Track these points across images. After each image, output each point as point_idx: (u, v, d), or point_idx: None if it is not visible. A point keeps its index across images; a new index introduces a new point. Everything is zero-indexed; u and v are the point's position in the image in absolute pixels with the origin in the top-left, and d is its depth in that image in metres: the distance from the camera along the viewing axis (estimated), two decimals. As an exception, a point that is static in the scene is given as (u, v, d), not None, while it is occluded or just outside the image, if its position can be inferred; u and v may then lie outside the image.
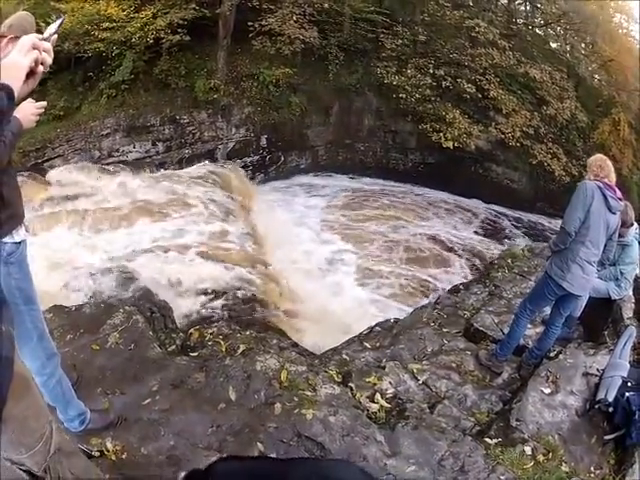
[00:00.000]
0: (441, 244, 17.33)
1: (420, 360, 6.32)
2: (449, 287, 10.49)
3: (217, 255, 12.36)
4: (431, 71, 20.29)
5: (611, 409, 5.02)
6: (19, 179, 3.25)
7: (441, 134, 19.37)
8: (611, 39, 22.87)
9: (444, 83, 20.03)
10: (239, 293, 11.30)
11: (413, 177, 22.03)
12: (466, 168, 21.39)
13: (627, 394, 5.00)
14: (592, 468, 4.69)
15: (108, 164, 16.66)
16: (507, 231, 19.59)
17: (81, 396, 3.94)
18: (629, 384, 5.15)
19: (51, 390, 3.57)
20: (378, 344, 6.94)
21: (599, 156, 5.63)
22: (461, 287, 9.17)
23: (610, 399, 5.03)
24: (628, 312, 7.05)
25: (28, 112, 2.78)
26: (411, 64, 20.49)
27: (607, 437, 4.93)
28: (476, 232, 19.05)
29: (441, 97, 20.24)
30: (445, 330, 7.25)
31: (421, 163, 22.32)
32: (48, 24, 2.51)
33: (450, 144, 19.14)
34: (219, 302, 10.89)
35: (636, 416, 4.80)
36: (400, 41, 20.93)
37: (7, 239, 3.05)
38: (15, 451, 2.52)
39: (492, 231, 19.32)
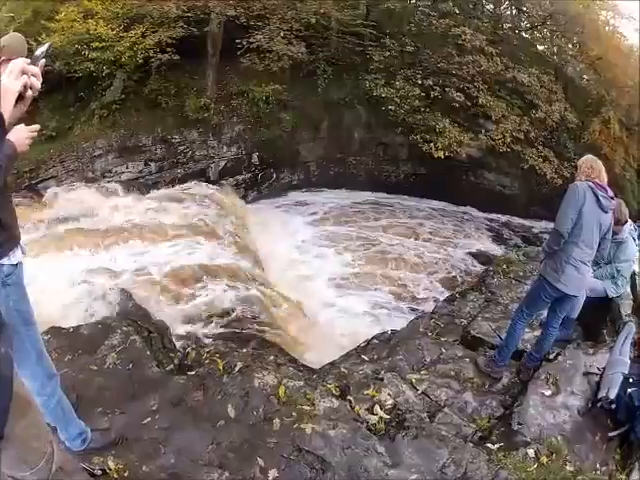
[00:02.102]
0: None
1: (418, 370, 6.33)
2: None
3: (213, 274, 12.34)
4: (419, 81, 20.28)
5: (613, 406, 5.03)
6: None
7: (432, 144, 19.32)
8: (598, 37, 22.92)
9: (433, 93, 20.03)
10: (236, 312, 11.27)
11: (406, 188, 22.02)
12: (458, 177, 21.41)
13: (629, 390, 5.02)
14: (598, 465, 4.71)
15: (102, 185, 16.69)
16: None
17: (81, 416, 3.96)
18: (631, 380, 5.17)
19: (52, 410, 3.59)
20: (376, 356, 6.95)
21: (589, 157, 5.67)
22: (457, 295, 9.19)
23: (612, 396, 5.05)
24: (626, 309, 7.08)
25: (22, 135, 2.79)
26: (399, 75, 20.50)
27: (611, 434, 4.94)
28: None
29: (430, 107, 20.22)
30: (443, 339, 7.26)
31: (413, 174, 22.26)
32: (39, 43, 2.54)
33: (441, 154, 19.09)
34: (216, 321, 10.86)
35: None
36: (388, 53, 20.92)
37: (4, 261, 3.07)
38: (18, 469, 2.55)
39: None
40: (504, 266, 9.58)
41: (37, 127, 2.94)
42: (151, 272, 11.88)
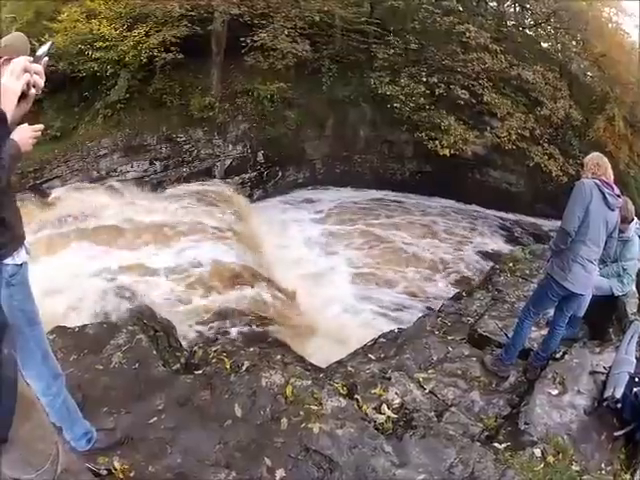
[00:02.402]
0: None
1: (426, 369, 6.32)
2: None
3: (220, 273, 12.34)
4: (424, 79, 20.22)
5: (619, 405, 5.02)
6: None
7: (437, 142, 19.27)
8: (601, 34, 22.86)
9: (437, 90, 19.97)
10: (244, 311, 11.26)
11: (411, 186, 21.94)
12: (463, 174, 21.35)
13: (635, 389, 5.01)
14: (603, 465, 4.71)
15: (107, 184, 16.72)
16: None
17: (87, 416, 3.95)
18: (637, 379, 5.16)
19: (57, 410, 3.59)
20: (383, 355, 6.94)
21: (595, 154, 5.65)
22: (464, 294, 9.16)
23: (618, 395, 5.04)
24: (632, 308, 7.07)
25: (25, 135, 2.77)
26: (404, 73, 20.45)
27: (617, 433, 4.93)
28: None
29: (435, 105, 20.15)
30: (450, 337, 7.24)
31: (418, 172, 22.17)
32: (41, 43, 2.52)
33: (446, 151, 19.05)
34: (224, 320, 10.85)
35: (645, 410, 4.82)
36: (392, 50, 20.88)
37: (9, 261, 3.06)
38: (23, 471, 2.55)
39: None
40: (510, 264, 9.55)
41: (41, 127, 2.93)
42: (157, 271, 11.92)
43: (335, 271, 14.73)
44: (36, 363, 3.37)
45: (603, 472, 4.63)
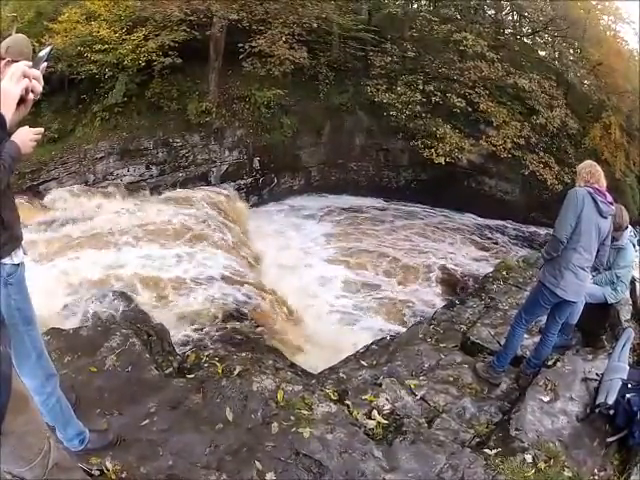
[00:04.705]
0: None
1: (417, 376, 6.31)
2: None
3: (214, 278, 12.33)
4: (421, 87, 20.30)
5: (612, 411, 5.04)
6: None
7: (432, 150, 19.34)
8: (599, 42, 23.00)
9: (434, 98, 20.06)
10: (237, 315, 11.26)
11: (407, 194, 22.03)
12: (459, 183, 21.38)
13: (628, 395, 5.03)
14: (596, 470, 4.70)
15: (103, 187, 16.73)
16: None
17: (80, 417, 3.96)
18: (629, 385, 5.18)
19: (50, 409, 3.60)
20: (375, 362, 6.93)
21: (588, 162, 5.69)
22: (457, 302, 9.15)
23: (610, 402, 5.05)
24: (626, 315, 7.09)
25: (26, 138, 2.79)
26: (401, 81, 20.54)
27: (610, 439, 4.94)
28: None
29: (431, 113, 20.23)
30: (442, 345, 7.24)
31: (414, 180, 22.27)
32: (41, 44, 2.57)
33: (442, 160, 19.11)
34: (217, 325, 10.85)
35: (638, 416, 4.83)
36: (389, 58, 20.99)
37: (6, 260, 3.10)
38: (15, 465, 2.58)
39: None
40: (504, 272, 9.56)
41: (41, 130, 2.95)
42: (152, 274, 11.91)
43: (331, 277, 14.74)
44: (31, 362, 3.39)
45: (596, 477, 4.64)
